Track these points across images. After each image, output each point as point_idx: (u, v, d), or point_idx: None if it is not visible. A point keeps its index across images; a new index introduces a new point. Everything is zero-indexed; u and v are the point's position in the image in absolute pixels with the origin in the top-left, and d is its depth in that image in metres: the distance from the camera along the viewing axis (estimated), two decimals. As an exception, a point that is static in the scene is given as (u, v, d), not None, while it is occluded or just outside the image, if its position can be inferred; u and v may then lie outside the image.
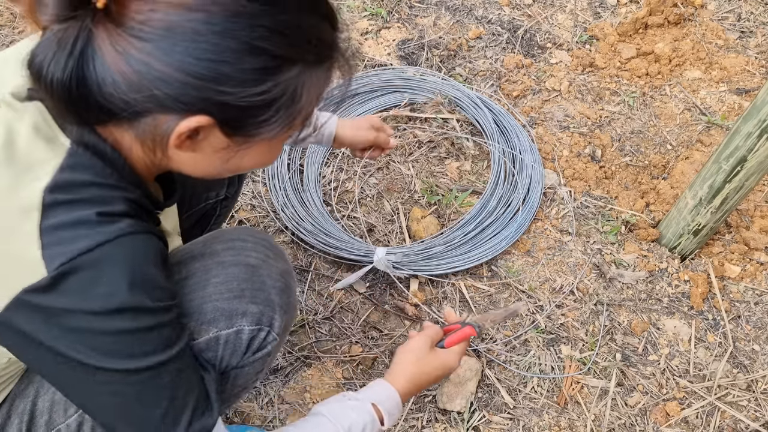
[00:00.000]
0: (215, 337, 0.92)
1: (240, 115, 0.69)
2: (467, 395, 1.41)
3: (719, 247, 1.70)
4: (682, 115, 2.02)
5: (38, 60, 0.63)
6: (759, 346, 1.55)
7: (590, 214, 1.76)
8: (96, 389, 0.74)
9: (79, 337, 0.70)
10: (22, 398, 0.91)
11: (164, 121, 0.67)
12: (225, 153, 0.75)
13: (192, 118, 0.67)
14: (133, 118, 0.68)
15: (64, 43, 0.62)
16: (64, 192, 0.68)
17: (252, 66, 0.65)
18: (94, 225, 0.68)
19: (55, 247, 0.66)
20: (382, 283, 1.60)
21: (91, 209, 0.68)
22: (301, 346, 1.49)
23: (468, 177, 1.83)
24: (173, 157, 0.73)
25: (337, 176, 1.81)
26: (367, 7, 2.25)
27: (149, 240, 0.73)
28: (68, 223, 0.67)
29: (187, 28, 0.62)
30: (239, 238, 1.00)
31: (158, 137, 0.69)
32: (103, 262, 0.68)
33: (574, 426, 1.41)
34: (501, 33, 2.21)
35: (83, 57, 0.62)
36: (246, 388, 1.03)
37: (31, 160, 0.68)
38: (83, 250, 0.67)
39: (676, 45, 2.17)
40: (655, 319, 1.57)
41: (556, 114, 2.00)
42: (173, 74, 0.63)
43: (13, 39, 1.99)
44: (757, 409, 1.45)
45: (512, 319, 1.53)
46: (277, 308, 0.96)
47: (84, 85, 0.64)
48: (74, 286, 0.67)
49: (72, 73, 0.63)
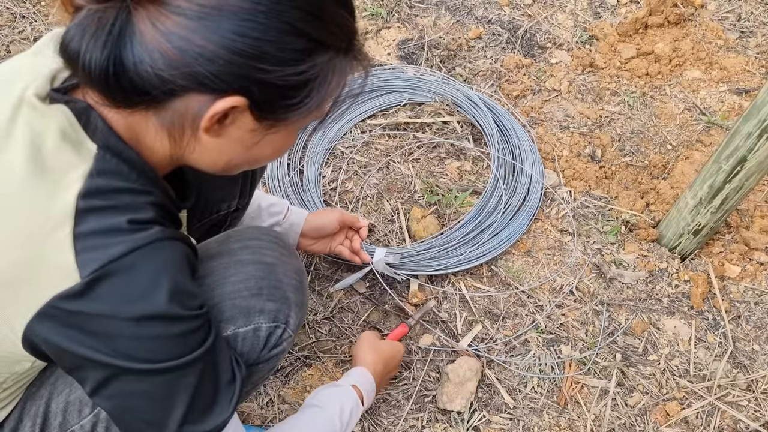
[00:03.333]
0: (234, 335, 0.94)
1: (274, 96, 0.71)
2: (467, 395, 1.41)
3: (719, 247, 1.70)
4: (682, 115, 2.02)
5: (74, 42, 0.63)
6: (759, 346, 1.55)
7: (590, 214, 1.76)
8: (121, 390, 0.75)
9: (108, 341, 0.70)
10: (35, 400, 0.91)
11: (198, 102, 0.68)
12: (250, 138, 0.76)
13: (228, 98, 0.68)
14: (164, 100, 0.68)
15: (102, 24, 0.63)
16: (95, 198, 0.68)
17: (293, 46, 0.67)
18: (127, 232, 0.69)
19: (88, 252, 0.67)
20: (382, 283, 1.60)
21: (123, 216, 0.69)
22: (301, 346, 1.49)
23: (468, 177, 1.83)
24: (198, 145, 0.74)
25: (336, 176, 1.81)
26: (367, 7, 2.25)
27: (179, 246, 0.74)
28: (101, 230, 0.68)
29: (235, 7, 0.64)
30: (255, 237, 1.03)
31: (188, 119, 0.70)
32: (137, 268, 0.68)
33: (574, 426, 1.41)
34: (501, 33, 2.21)
35: (122, 37, 0.63)
36: (257, 384, 1.05)
37: (61, 165, 0.69)
38: (116, 256, 0.67)
39: (676, 45, 2.17)
40: (655, 319, 1.57)
41: (556, 114, 2.00)
42: (216, 51, 0.64)
43: (12, 39, 1.99)
44: (757, 409, 1.45)
45: (427, 315, 1.55)
46: (293, 305, 1.00)
47: (121, 64, 0.64)
48: (107, 292, 0.68)
49: (110, 53, 0.63)
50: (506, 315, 1.57)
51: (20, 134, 0.69)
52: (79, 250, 0.67)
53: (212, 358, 0.79)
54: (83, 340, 0.70)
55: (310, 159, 1.82)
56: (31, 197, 0.68)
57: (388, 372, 1.34)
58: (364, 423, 1.39)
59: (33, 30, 2.02)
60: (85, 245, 0.67)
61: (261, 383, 1.07)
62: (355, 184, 1.80)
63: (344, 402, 1.13)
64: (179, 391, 0.76)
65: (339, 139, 1.90)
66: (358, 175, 1.82)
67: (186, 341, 0.74)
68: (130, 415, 0.77)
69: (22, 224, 0.67)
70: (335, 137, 1.89)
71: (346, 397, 1.15)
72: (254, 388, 1.05)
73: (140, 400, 0.75)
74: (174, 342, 0.73)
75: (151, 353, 0.72)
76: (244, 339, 0.95)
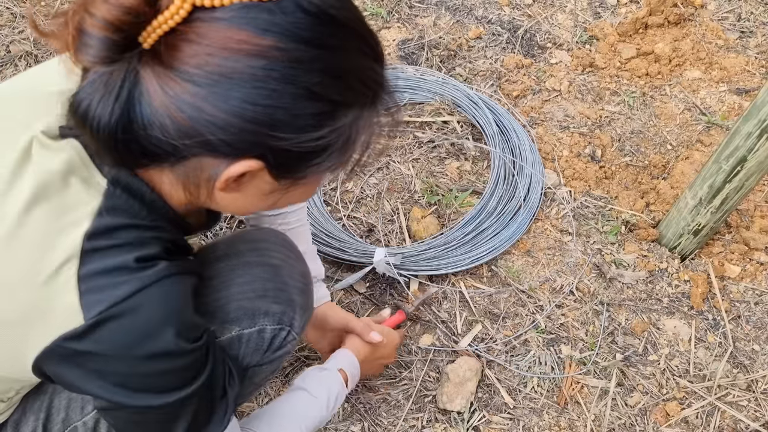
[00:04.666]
0: (238, 336, 0.95)
1: (292, 160, 0.68)
2: (467, 395, 1.41)
3: (719, 247, 1.70)
4: (682, 115, 2.02)
5: (84, 104, 0.62)
6: (759, 346, 1.55)
7: (590, 214, 1.76)
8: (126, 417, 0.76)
9: (114, 379, 0.71)
10: (38, 396, 0.92)
11: (212, 165, 0.66)
12: (270, 195, 0.73)
13: (242, 162, 0.65)
14: (176, 162, 0.66)
15: (110, 87, 0.60)
16: (102, 238, 0.67)
17: (309, 111, 0.64)
18: (133, 271, 0.68)
19: (93, 294, 0.66)
20: (382, 283, 1.60)
21: (129, 254, 0.68)
22: (302, 346, 1.49)
23: (468, 177, 1.83)
24: (215, 199, 0.72)
25: (337, 176, 1.81)
26: (367, 7, 2.25)
27: (185, 281, 0.73)
28: (105, 270, 0.67)
29: (245, 74, 0.60)
30: (262, 239, 1.03)
31: (203, 180, 0.68)
32: (143, 309, 0.68)
33: (574, 426, 1.41)
34: (501, 33, 2.21)
35: (130, 100, 0.61)
36: (260, 385, 1.06)
37: (69, 203, 0.68)
38: (122, 298, 0.67)
39: (676, 45, 2.17)
40: (655, 319, 1.57)
41: (556, 114, 2.00)
42: (228, 119, 0.61)
43: (12, 39, 1.99)
44: (757, 409, 1.45)
45: (428, 302, 1.55)
46: (298, 308, 1.00)
47: (130, 129, 0.62)
48: (113, 333, 0.67)
49: (119, 117, 0.61)
50: (506, 315, 1.57)
51: (30, 173, 0.68)
52: (83, 291, 0.66)
53: (211, 380, 0.80)
54: (89, 377, 0.70)
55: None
56: (38, 237, 0.67)
57: (377, 357, 1.34)
58: (364, 423, 1.39)
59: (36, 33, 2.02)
60: (90, 286, 0.66)
61: (263, 384, 1.07)
62: (355, 184, 1.80)
63: (332, 386, 1.16)
64: (182, 416, 0.77)
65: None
66: (358, 175, 1.82)
67: (191, 370, 0.75)
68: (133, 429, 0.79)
69: (30, 265, 0.67)
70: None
71: (334, 381, 1.17)
72: (256, 389, 1.06)
73: (144, 426, 0.77)
74: (181, 374, 0.74)
75: (158, 387, 0.73)
76: (248, 340, 0.95)
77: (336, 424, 1.39)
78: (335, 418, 1.39)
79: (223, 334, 0.94)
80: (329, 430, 1.38)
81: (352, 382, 1.22)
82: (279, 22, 0.60)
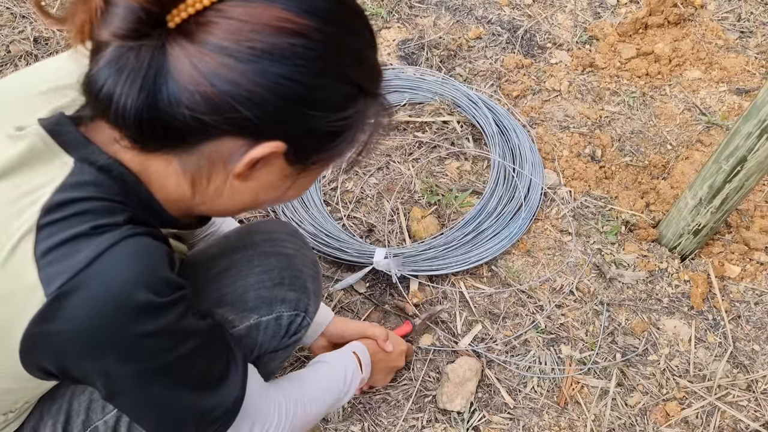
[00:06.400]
0: (257, 324, 0.97)
1: (314, 141, 0.69)
2: (467, 395, 1.41)
3: (719, 247, 1.70)
4: (682, 115, 2.02)
5: (108, 85, 0.60)
6: (759, 346, 1.55)
7: (590, 214, 1.76)
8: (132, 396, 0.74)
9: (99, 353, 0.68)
10: (55, 399, 0.91)
11: (232, 146, 0.65)
12: (281, 183, 0.74)
13: (267, 143, 0.65)
14: (196, 144, 0.65)
15: (138, 65, 0.59)
16: (61, 210, 0.64)
17: (342, 93, 0.67)
18: (90, 237, 0.64)
19: (51, 267, 0.63)
20: (382, 283, 1.60)
21: (87, 223, 0.64)
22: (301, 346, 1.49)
23: (468, 177, 1.83)
24: (225, 189, 0.71)
25: (337, 176, 1.81)
26: (367, 7, 2.25)
27: (150, 240, 0.69)
28: (63, 240, 0.63)
29: (288, 51, 0.61)
30: (275, 230, 1.06)
31: (219, 165, 0.67)
32: (106, 274, 0.64)
33: (574, 426, 1.41)
34: (501, 33, 2.21)
35: (158, 78, 0.60)
36: (273, 372, 1.09)
37: (31, 185, 0.65)
38: (82, 265, 0.63)
39: (676, 45, 2.17)
40: (655, 319, 1.57)
41: (556, 114, 2.00)
42: (266, 95, 0.62)
43: (12, 39, 1.99)
44: (757, 409, 1.45)
45: (434, 319, 1.54)
46: (311, 294, 1.04)
47: (155, 107, 0.61)
48: (80, 306, 0.63)
49: (146, 95, 0.60)
50: (506, 315, 1.57)
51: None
52: (42, 266, 0.63)
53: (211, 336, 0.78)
54: (76, 362, 0.68)
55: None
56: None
57: (385, 358, 1.35)
58: (364, 423, 1.39)
59: (33, 30, 2.02)
60: (48, 260, 0.63)
61: (276, 371, 1.10)
62: (355, 184, 1.80)
63: (348, 365, 1.19)
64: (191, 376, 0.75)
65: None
66: (358, 175, 1.82)
67: (179, 327, 0.72)
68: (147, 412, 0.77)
69: None
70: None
71: (349, 360, 1.21)
72: (270, 376, 1.08)
73: (156, 398, 0.75)
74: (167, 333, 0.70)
75: (146, 352, 0.70)
76: (266, 327, 0.98)
77: (336, 424, 1.39)
78: (335, 418, 1.39)
79: (242, 322, 0.96)
80: (329, 430, 1.38)
81: (365, 368, 1.25)
82: (317, 5, 0.63)
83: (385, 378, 1.41)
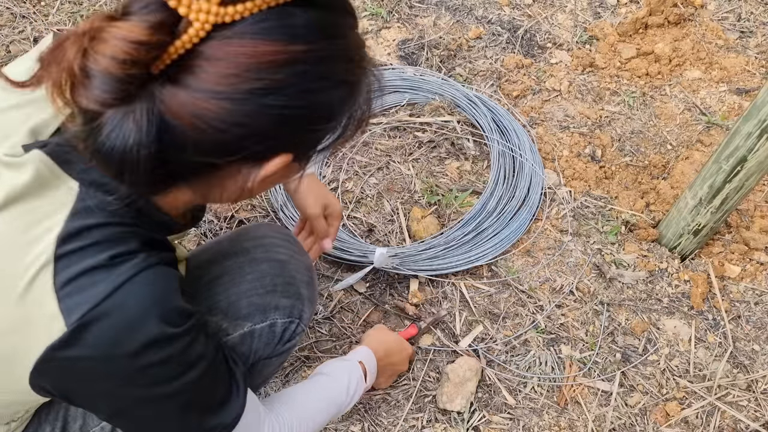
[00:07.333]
0: (250, 332, 0.97)
1: (317, 143, 0.71)
2: (467, 395, 1.41)
3: (719, 247, 1.70)
4: (682, 115, 2.02)
5: (117, 150, 0.59)
6: (759, 346, 1.55)
7: (590, 214, 1.76)
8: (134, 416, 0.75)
9: (112, 379, 0.69)
10: (53, 406, 0.91)
11: (242, 169, 0.67)
12: (288, 176, 0.76)
13: (276, 159, 0.67)
14: (207, 177, 0.67)
15: (139, 125, 0.58)
16: (75, 240, 0.65)
17: (338, 98, 0.67)
18: (109, 269, 0.66)
19: (71, 298, 0.64)
20: (382, 283, 1.60)
21: (104, 253, 0.66)
22: (302, 346, 1.49)
23: (468, 177, 1.83)
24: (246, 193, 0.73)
25: (336, 176, 1.81)
26: (367, 7, 2.25)
27: (164, 269, 0.71)
28: (82, 271, 0.65)
29: (285, 83, 0.61)
30: (267, 236, 1.05)
31: (231, 182, 0.69)
32: (124, 305, 0.66)
33: (574, 426, 1.41)
34: (501, 33, 2.21)
35: (162, 132, 0.59)
36: (268, 378, 1.09)
37: (39, 213, 0.66)
38: (101, 298, 0.65)
39: (676, 45, 2.17)
40: (655, 319, 1.57)
41: (556, 114, 2.00)
42: (274, 128, 0.63)
43: (12, 39, 1.99)
44: (757, 409, 1.45)
45: (438, 324, 1.54)
46: (306, 300, 1.03)
47: (165, 160, 0.61)
48: (98, 336, 0.65)
49: (157, 151, 0.60)
50: (506, 315, 1.57)
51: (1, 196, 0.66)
52: (61, 297, 0.64)
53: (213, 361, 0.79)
54: (84, 385, 0.70)
55: (310, 159, 1.82)
56: (9, 250, 0.65)
57: (391, 363, 1.36)
58: (364, 423, 1.39)
59: (33, 30, 2.02)
60: (67, 291, 0.64)
61: (271, 377, 1.10)
62: (355, 184, 1.80)
63: (352, 373, 1.16)
64: (194, 402, 0.76)
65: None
66: (358, 175, 1.82)
67: (188, 355, 0.73)
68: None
69: (5, 279, 0.65)
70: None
71: (353, 370, 1.18)
72: (264, 383, 1.08)
73: (158, 421, 0.76)
74: (178, 360, 0.72)
75: (156, 378, 0.71)
76: (260, 335, 0.98)
77: (336, 424, 1.39)
78: (335, 418, 1.39)
79: (235, 330, 0.96)
80: (329, 430, 1.38)
81: (370, 378, 1.23)
82: (297, 26, 0.61)
83: (387, 381, 1.42)
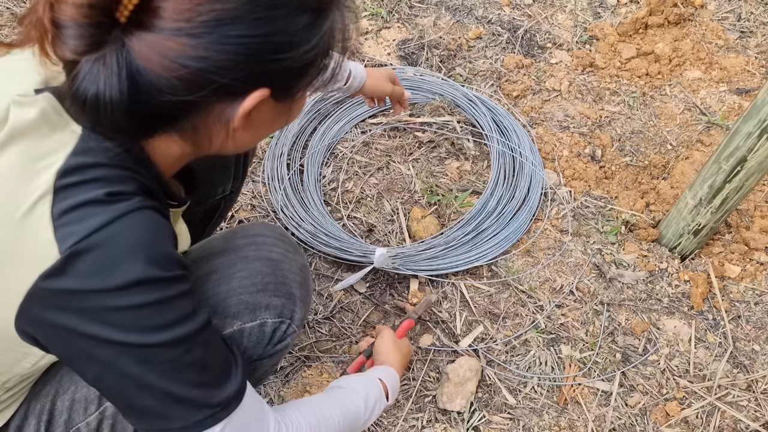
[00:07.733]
0: (239, 330, 0.95)
1: (293, 78, 0.72)
2: (467, 395, 1.41)
3: (719, 247, 1.70)
4: (682, 115, 2.02)
5: (91, 93, 0.63)
6: (759, 346, 1.55)
7: (590, 214, 1.76)
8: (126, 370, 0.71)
9: (99, 316, 0.69)
10: (39, 398, 0.91)
11: (224, 109, 0.69)
12: (277, 119, 0.78)
13: (253, 94, 0.68)
14: (189, 118, 0.69)
15: (109, 69, 0.62)
16: (74, 174, 0.68)
17: (301, 25, 0.67)
18: (104, 204, 0.68)
19: (66, 227, 0.66)
20: (382, 283, 1.60)
21: (101, 189, 0.68)
22: (301, 346, 1.49)
23: (468, 177, 1.83)
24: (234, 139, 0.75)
25: (337, 176, 1.81)
26: (367, 7, 2.25)
27: (158, 217, 0.72)
28: (79, 203, 0.67)
29: (240, 11, 0.63)
30: (260, 234, 1.04)
31: (220, 126, 0.71)
32: (116, 239, 0.67)
33: (574, 426, 1.41)
34: (501, 33, 2.21)
35: (132, 75, 0.62)
36: (260, 380, 1.06)
37: (43, 150, 0.68)
38: (94, 228, 0.66)
39: (676, 45, 2.17)
40: (655, 319, 1.57)
41: (556, 114, 2.00)
42: (236, 58, 0.64)
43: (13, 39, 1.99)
44: (757, 409, 1.45)
45: (429, 307, 1.55)
46: (298, 301, 1.01)
47: (140, 100, 0.64)
48: (88, 266, 0.66)
49: (128, 93, 0.63)
50: (506, 315, 1.57)
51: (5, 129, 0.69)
52: (57, 226, 0.66)
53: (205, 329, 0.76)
54: (72, 320, 0.68)
55: (310, 159, 1.82)
56: (13, 177, 0.68)
57: (404, 367, 1.34)
58: (364, 423, 1.39)
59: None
60: (64, 221, 0.66)
61: (264, 379, 1.07)
62: (355, 184, 1.80)
63: (370, 390, 1.11)
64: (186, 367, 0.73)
65: (339, 139, 1.90)
66: (358, 175, 1.82)
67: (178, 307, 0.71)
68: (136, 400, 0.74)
69: (5, 204, 0.67)
70: (335, 137, 1.89)
71: (372, 386, 1.13)
72: (257, 385, 1.06)
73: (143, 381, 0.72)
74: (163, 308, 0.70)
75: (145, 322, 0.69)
76: (250, 334, 0.96)
77: (336, 424, 1.39)
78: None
79: (224, 328, 0.94)
80: (329, 430, 1.38)
81: (392, 395, 1.18)
82: None
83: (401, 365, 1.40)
